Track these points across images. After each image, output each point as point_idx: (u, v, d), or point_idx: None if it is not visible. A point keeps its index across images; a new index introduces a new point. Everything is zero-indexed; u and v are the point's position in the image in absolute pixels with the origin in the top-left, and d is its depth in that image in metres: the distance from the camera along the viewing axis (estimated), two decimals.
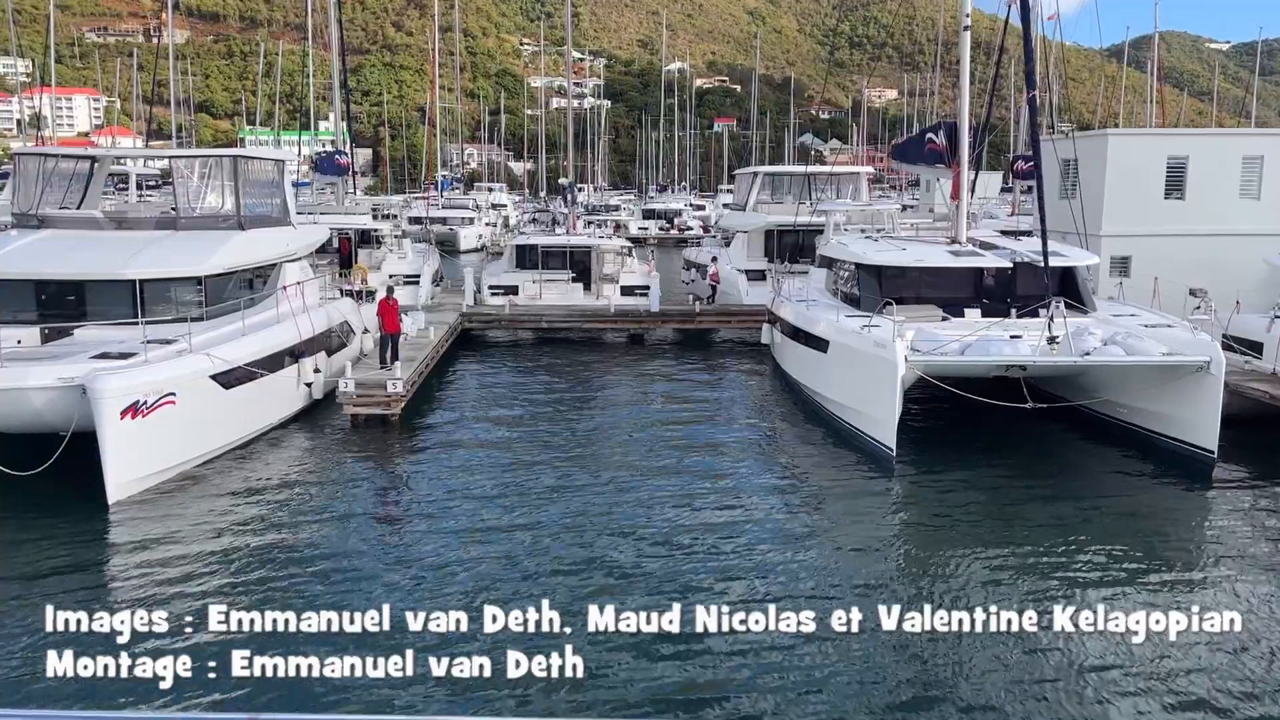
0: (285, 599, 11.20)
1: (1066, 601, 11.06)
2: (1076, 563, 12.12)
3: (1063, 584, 11.58)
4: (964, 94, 20.31)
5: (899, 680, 9.38)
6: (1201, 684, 9.26)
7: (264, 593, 11.46)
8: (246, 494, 14.63)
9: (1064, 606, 8.46)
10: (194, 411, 14.98)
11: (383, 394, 18.90)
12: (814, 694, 9.23)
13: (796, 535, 13.11)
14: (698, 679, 9.42)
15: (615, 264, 32.72)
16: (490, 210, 77.12)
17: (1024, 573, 11.85)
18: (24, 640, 9.98)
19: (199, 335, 16.19)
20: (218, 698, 8.87)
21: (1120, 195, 25.20)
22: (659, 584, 11.76)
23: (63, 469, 13.90)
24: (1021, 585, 11.55)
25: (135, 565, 12.11)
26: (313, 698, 8.72)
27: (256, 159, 20.70)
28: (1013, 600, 11.02)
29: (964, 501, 14.51)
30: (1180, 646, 9.37)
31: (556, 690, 8.91)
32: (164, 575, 11.84)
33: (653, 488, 15.17)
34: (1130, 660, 9.48)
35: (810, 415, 19.50)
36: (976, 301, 19.71)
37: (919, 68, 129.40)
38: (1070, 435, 17.57)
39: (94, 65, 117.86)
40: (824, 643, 9.59)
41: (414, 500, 14.81)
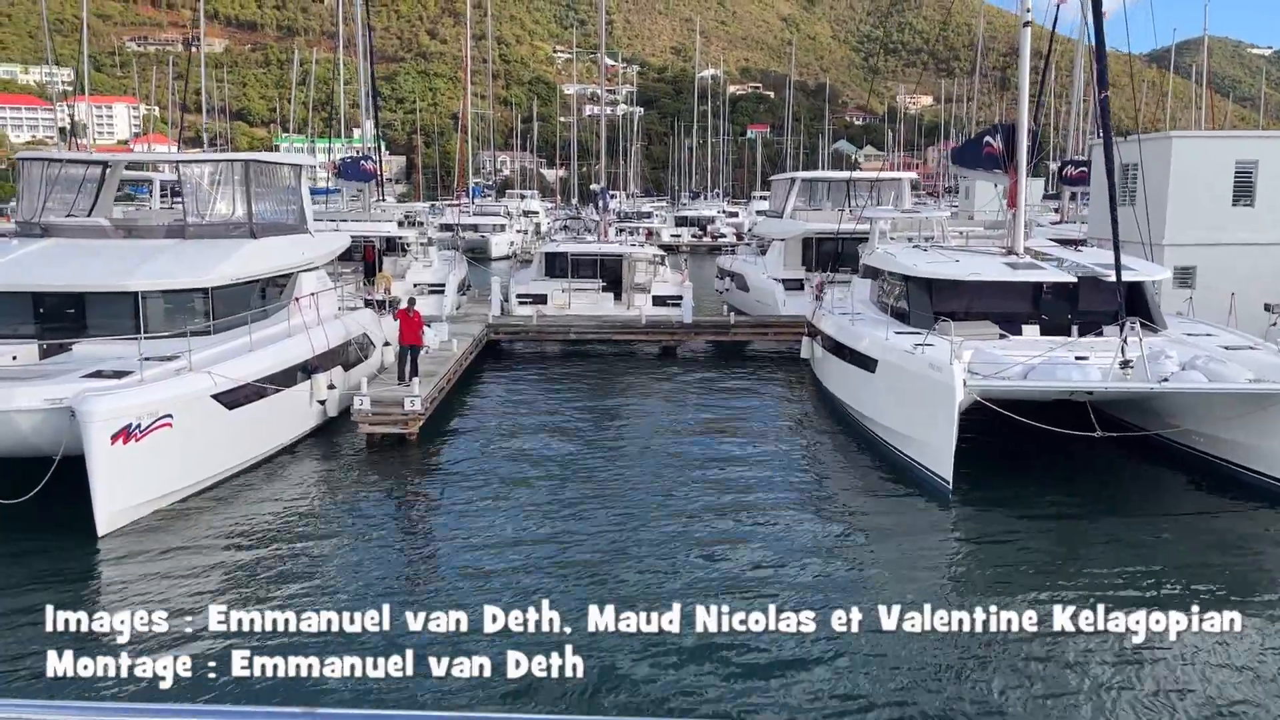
0: (293, 643, 10.14)
1: (1154, 663, 9.74)
2: (1166, 620, 10.72)
3: (1150, 646, 10.20)
4: (1024, 94, 18.89)
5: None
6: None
7: (268, 636, 10.40)
8: (246, 524, 13.55)
9: (1150, 667, 7.44)
10: (193, 434, 13.96)
11: (400, 412, 17.82)
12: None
13: (843, 582, 11.82)
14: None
15: (647, 273, 31.60)
16: (522, 217, 76.39)
17: (1107, 635, 10.47)
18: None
19: (204, 351, 15.19)
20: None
21: (1184, 202, 23.66)
22: (694, 635, 10.54)
23: (52, 495, 12.94)
24: (1105, 647, 10.19)
25: (123, 603, 11.06)
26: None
27: (271, 163, 19.71)
28: (1098, 662, 9.70)
29: (1030, 544, 13.11)
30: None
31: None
32: (156, 616, 10.77)
33: (686, 522, 13.95)
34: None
35: (855, 439, 18.17)
36: (1035, 318, 18.33)
37: (954, 73, 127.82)
38: (1143, 466, 16.07)
39: (132, 74, 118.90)
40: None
41: (430, 531, 13.69)
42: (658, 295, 30.04)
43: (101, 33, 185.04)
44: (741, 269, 35.09)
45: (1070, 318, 18.35)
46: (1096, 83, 15.93)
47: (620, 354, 27.93)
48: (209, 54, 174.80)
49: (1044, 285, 18.23)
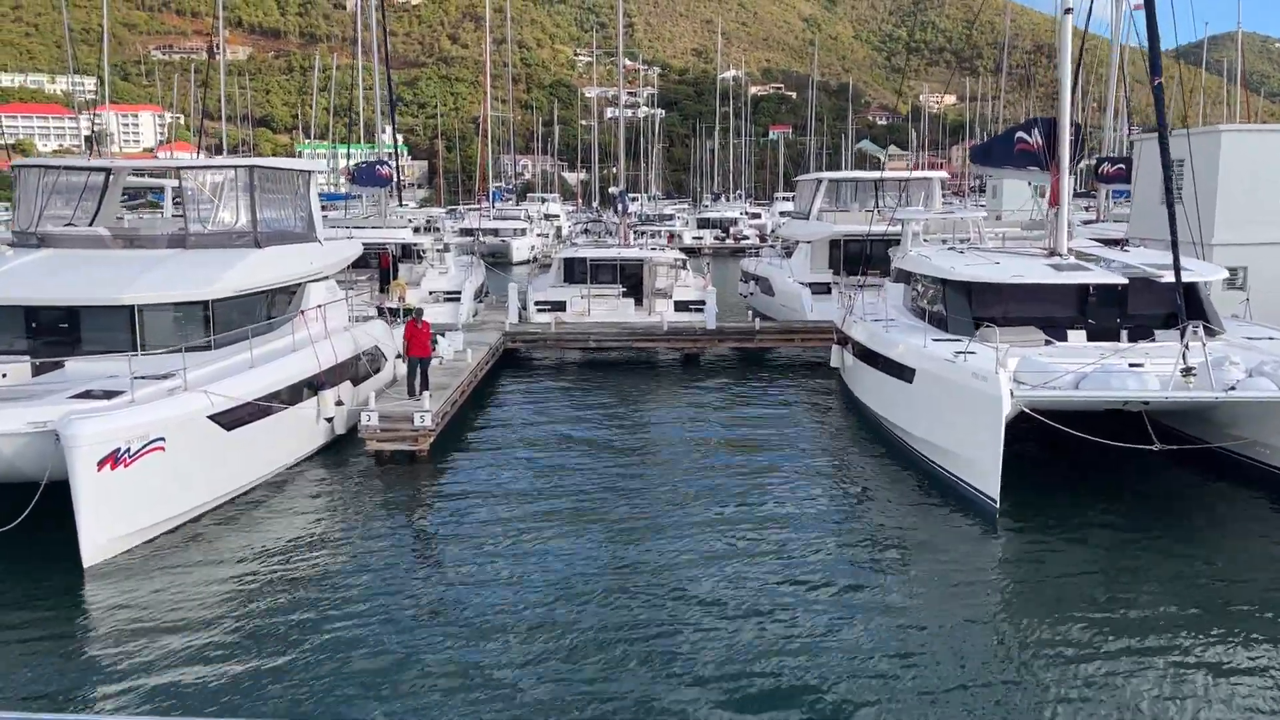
0: (292, 684, 9.33)
1: (1220, 703, 8.72)
2: (1235, 657, 9.67)
3: (1217, 683, 9.16)
4: (1065, 86, 17.72)
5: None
6: None
7: (262, 680, 9.61)
8: (242, 554, 12.70)
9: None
10: (187, 458, 13.14)
11: (409, 428, 16.97)
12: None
13: (883, 612, 10.82)
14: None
15: (668, 277, 30.65)
16: (543, 221, 75.63)
17: (1167, 669, 9.43)
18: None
19: (201, 368, 14.38)
20: None
21: (1234, 199, 22.48)
22: (720, 670, 9.65)
23: (40, 522, 12.18)
24: (1164, 681, 9.16)
25: (109, 641, 10.26)
26: None
27: (276, 169, 18.91)
28: (1154, 697, 8.68)
29: (1085, 570, 12.04)
30: None
31: None
32: (143, 657, 9.97)
33: (712, 545, 13.03)
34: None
35: (892, 454, 17.13)
36: (1082, 322, 17.23)
37: (978, 72, 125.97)
38: (1206, 482, 14.94)
39: (157, 82, 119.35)
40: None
41: (439, 558, 12.79)
42: (680, 301, 29.09)
43: (128, 41, 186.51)
44: (766, 272, 34.08)
45: (1119, 322, 17.25)
46: (1149, 69, 14.83)
47: (641, 361, 27.00)
48: (232, 61, 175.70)
49: (1090, 287, 17.12)
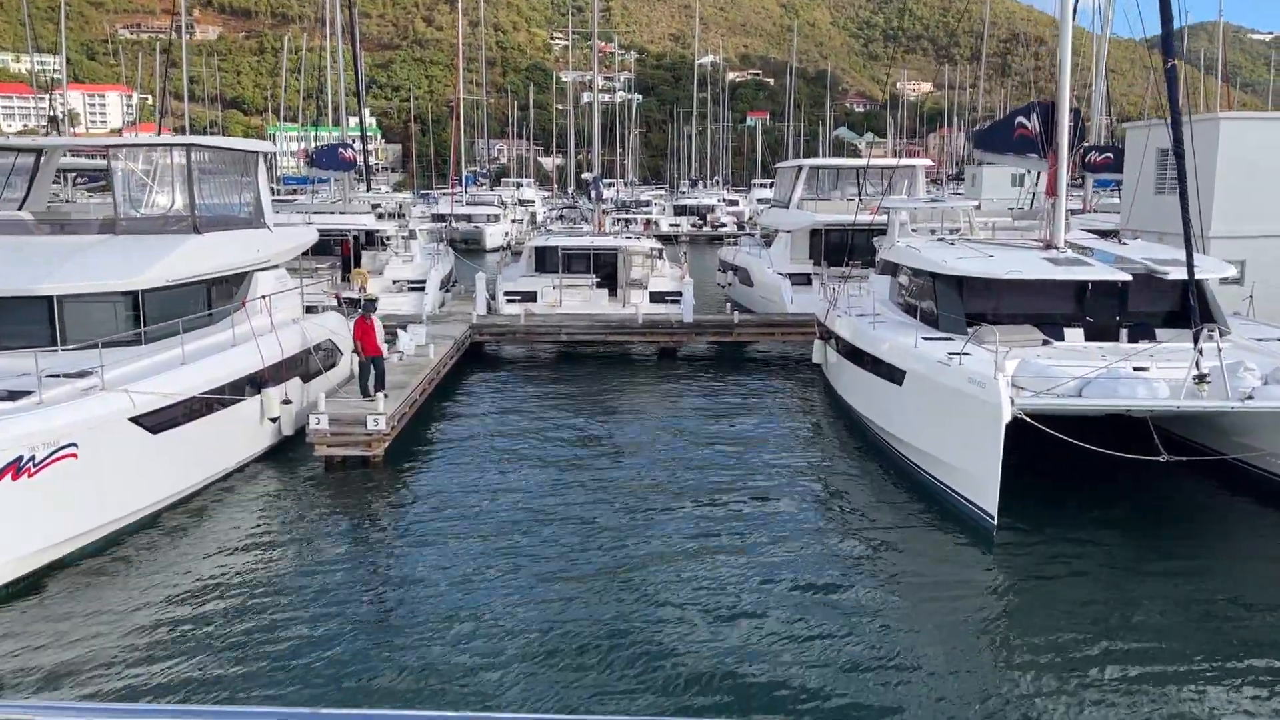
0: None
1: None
2: (1264, 697, 8.66)
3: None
4: (1065, 68, 16.62)
5: None
6: None
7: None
8: (167, 572, 11.44)
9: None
10: (105, 465, 11.85)
11: (362, 432, 15.71)
12: None
13: (871, 639, 9.75)
14: None
15: (644, 267, 29.47)
16: (518, 206, 74.02)
17: (1180, 708, 8.41)
18: None
19: (125, 366, 13.07)
20: None
21: (1232, 190, 21.54)
22: (697, 688, 8.62)
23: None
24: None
25: (9, 675, 9.01)
26: None
27: (219, 149, 17.54)
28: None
29: (1091, 594, 11.01)
30: None
31: None
32: (46, 691, 8.73)
33: (689, 557, 11.97)
34: None
35: (879, 460, 16.06)
36: (1079, 320, 16.20)
37: (954, 60, 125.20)
38: (1218, 495, 13.92)
39: (123, 62, 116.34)
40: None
41: (392, 576, 11.59)
42: (656, 291, 27.91)
43: (94, 20, 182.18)
44: (745, 262, 32.97)
45: (1118, 320, 16.25)
46: (1162, 49, 13.76)
47: (615, 356, 25.81)
48: (203, 41, 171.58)
49: (1090, 284, 16.10)
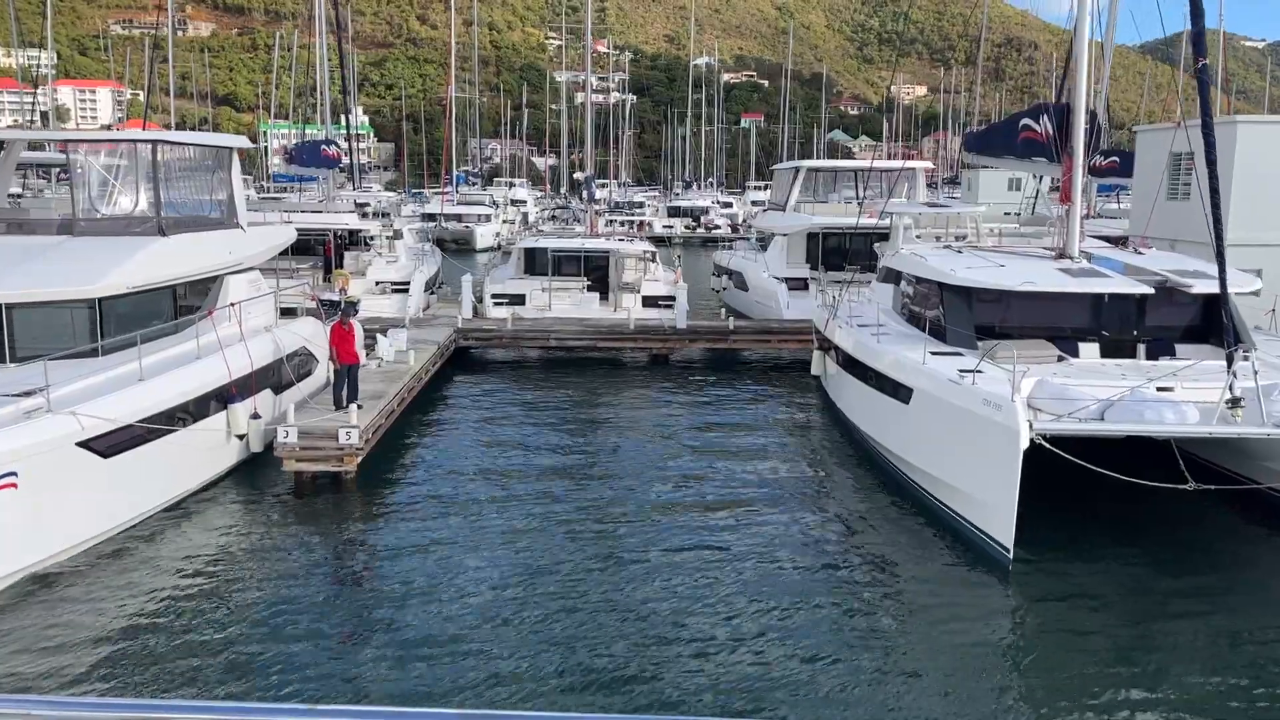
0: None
1: None
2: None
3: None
4: (1082, 67, 15.77)
5: None
6: None
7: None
8: (119, 604, 10.50)
9: None
10: (50, 494, 10.90)
11: (334, 446, 14.77)
12: None
13: (875, 684, 8.87)
14: None
15: (636, 270, 28.56)
16: (510, 207, 73.02)
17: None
18: None
19: (76, 383, 12.11)
20: None
21: (1249, 196, 20.70)
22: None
23: None
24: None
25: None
26: None
27: (186, 145, 16.59)
28: None
29: (1116, 635, 10.15)
30: None
31: None
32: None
33: (680, 582, 11.16)
34: None
35: (884, 482, 15.16)
36: (1094, 335, 15.34)
37: (949, 64, 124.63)
38: (1250, 527, 13.03)
39: (112, 58, 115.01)
40: None
41: (363, 602, 10.68)
42: (648, 296, 27.02)
43: (86, 15, 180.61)
44: (740, 266, 32.10)
45: (1136, 335, 15.39)
46: (1193, 49, 12.90)
47: (606, 362, 24.89)
48: (195, 38, 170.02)
49: (1107, 297, 15.24)
